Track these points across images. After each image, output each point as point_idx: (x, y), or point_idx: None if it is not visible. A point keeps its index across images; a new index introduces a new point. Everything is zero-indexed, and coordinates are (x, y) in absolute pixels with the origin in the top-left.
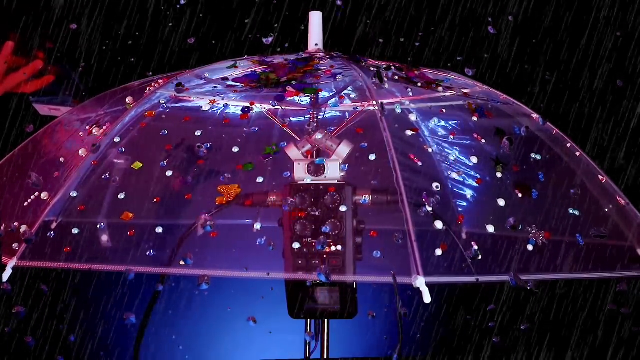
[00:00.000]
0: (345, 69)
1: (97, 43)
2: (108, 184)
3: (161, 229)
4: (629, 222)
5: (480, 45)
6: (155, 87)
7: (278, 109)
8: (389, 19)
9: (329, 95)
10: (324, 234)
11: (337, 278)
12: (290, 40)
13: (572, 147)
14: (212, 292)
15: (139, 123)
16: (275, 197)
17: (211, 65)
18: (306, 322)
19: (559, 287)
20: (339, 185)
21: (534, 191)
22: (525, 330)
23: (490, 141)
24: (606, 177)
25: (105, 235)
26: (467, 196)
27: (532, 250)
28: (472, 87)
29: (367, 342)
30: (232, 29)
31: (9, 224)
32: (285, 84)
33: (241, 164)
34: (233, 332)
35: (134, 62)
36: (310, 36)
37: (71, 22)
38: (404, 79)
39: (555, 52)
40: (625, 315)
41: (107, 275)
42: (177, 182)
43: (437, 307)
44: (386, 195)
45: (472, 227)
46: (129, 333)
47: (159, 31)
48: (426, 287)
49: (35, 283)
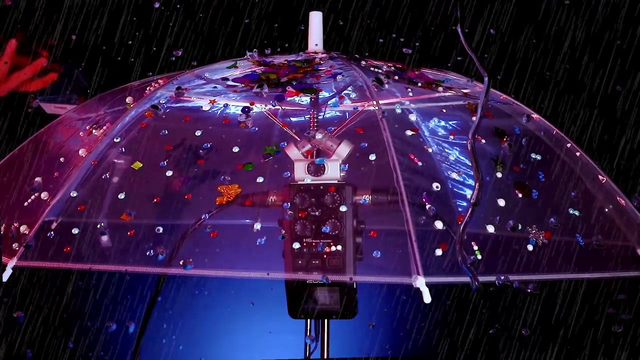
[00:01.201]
0: (345, 69)
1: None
2: (108, 184)
3: (161, 229)
4: (629, 222)
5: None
6: (155, 87)
7: (278, 109)
8: (389, 20)
9: (329, 95)
10: (324, 234)
11: (337, 278)
12: (290, 41)
13: (572, 147)
14: (212, 292)
15: (139, 123)
16: (275, 197)
17: (211, 65)
18: (306, 322)
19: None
20: (339, 185)
21: (534, 191)
22: (526, 335)
23: (490, 141)
24: (606, 177)
25: (105, 235)
26: (467, 196)
27: (532, 250)
28: (472, 87)
29: (367, 342)
30: (233, 29)
31: (9, 225)
32: (285, 84)
33: (241, 164)
34: (233, 332)
35: (134, 62)
36: (310, 36)
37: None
38: (404, 79)
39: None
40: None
41: (108, 275)
42: (177, 182)
43: (437, 307)
44: (386, 195)
45: (472, 227)
46: (130, 332)
47: (159, 31)
48: (426, 287)
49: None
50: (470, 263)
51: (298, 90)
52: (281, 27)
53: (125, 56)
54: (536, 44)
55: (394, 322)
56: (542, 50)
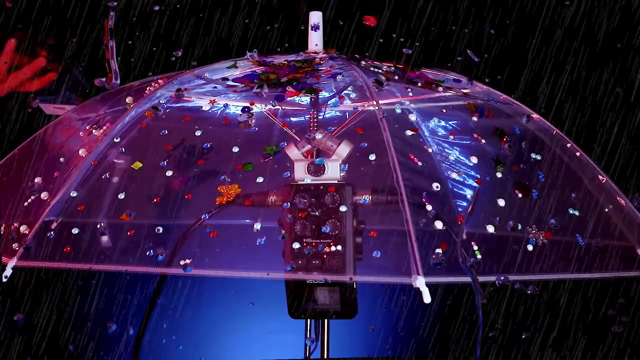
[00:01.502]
0: (345, 69)
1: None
2: (108, 184)
3: (161, 229)
4: (629, 222)
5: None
6: (155, 87)
7: (278, 109)
8: (390, 19)
9: (329, 95)
10: (324, 234)
11: (337, 278)
12: (290, 41)
13: (572, 147)
14: (212, 292)
15: (139, 123)
16: (275, 197)
17: (211, 65)
18: (306, 322)
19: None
20: (339, 185)
21: (534, 191)
22: (526, 339)
23: (490, 141)
24: (606, 177)
25: (105, 236)
26: (467, 196)
27: (532, 250)
28: (472, 87)
29: (367, 342)
30: (233, 29)
31: (9, 225)
32: (285, 84)
33: (241, 164)
34: (233, 332)
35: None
36: (310, 36)
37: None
38: (404, 79)
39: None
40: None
41: (108, 275)
42: (177, 182)
43: (437, 307)
44: (386, 195)
45: (472, 227)
46: (130, 334)
47: (159, 31)
48: (426, 287)
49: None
50: (471, 265)
51: (298, 90)
52: (281, 27)
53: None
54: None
55: (394, 322)
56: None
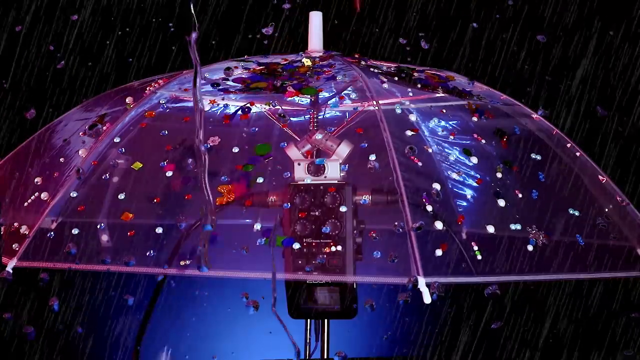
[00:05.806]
0: (345, 69)
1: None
2: (108, 184)
3: (161, 229)
4: (629, 222)
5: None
6: (155, 87)
7: (278, 109)
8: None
9: (329, 95)
10: (324, 234)
11: (337, 278)
12: (290, 41)
13: (572, 147)
14: (212, 293)
15: (139, 123)
16: (275, 197)
17: (211, 65)
18: (306, 322)
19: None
20: (339, 185)
21: (534, 191)
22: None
23: (490, 141)
24: (606, 177)
25: (105, 235)
26: (467, 196)
27: (532, 250)
28: (472, 87)
29: (367, 342)
30: (233, 29)
31: (10, 225)
32: (285, 84)
33: (241, 164)
34: (233, 332)
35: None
36: (310, 36)
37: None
38: (404, 79)
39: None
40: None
41: (108, 275)
42: (177, 182)
43: (437, 307)
44: (386, 195)
45: (472, 227)
46: (130, 332)
47: (159, 30)
48: (426, 287)
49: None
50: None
51: (298, 90)
52: (281, 27)
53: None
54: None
55: (394, 322)
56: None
